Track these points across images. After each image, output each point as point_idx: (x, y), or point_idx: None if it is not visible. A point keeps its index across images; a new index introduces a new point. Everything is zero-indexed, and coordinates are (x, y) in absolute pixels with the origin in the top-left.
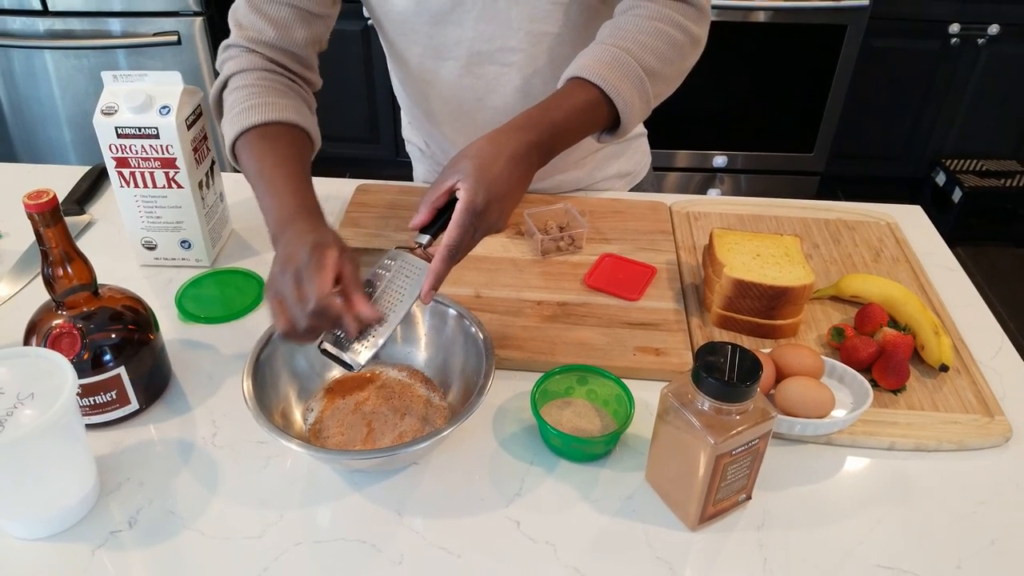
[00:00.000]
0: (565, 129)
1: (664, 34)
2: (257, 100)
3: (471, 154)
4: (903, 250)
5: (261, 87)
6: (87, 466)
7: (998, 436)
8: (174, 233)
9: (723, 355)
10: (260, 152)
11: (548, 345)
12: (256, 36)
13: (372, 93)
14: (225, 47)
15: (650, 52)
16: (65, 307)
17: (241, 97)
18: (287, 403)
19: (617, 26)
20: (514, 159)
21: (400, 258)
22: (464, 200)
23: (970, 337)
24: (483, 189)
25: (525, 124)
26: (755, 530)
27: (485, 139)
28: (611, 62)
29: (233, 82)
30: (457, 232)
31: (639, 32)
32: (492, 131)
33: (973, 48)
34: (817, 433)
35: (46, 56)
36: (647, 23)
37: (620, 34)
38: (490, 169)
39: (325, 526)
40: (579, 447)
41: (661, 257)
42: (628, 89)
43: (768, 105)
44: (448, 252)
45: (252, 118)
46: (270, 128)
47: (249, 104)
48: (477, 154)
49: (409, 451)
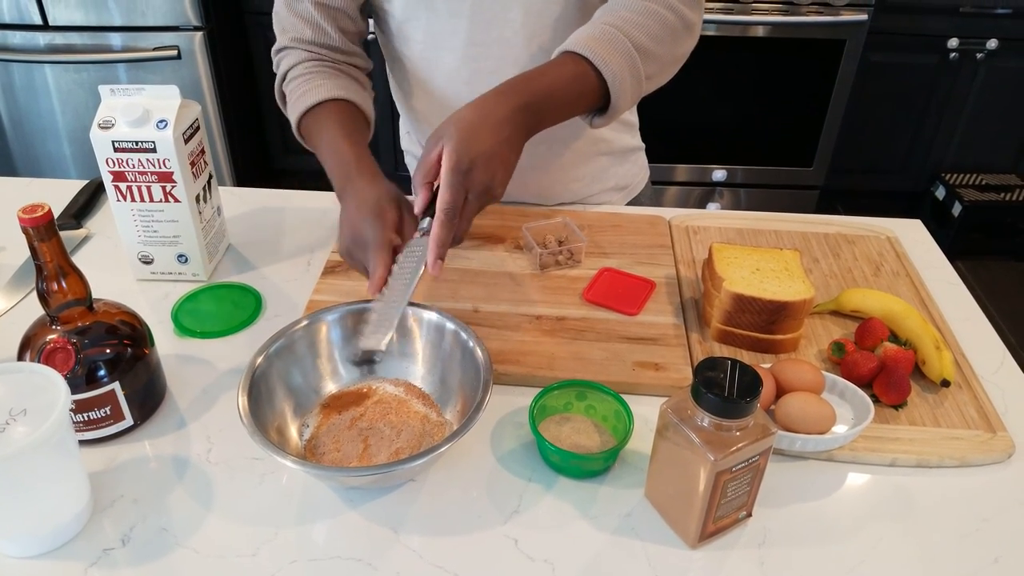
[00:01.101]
0: (551, 96)
1: (655, 14)
2: (308, 87)
3: (453, 120)
4: (903, 264)
5: (310, 74)
6: (80, 483)
7: (1000, 452)
8: (171, 247)
9: (723, 370)
10: (316, 129)
11: (546, 360)
12: (297, 36)
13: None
14: (276, 51)
15: (640, 29)
16: (59, 322)
17: (295, 87)
18: (283, 419)
19: (608, 8)
20: (498, 121)
21: (410, 244)
22: (448, 161)
23: (971, 352)
24: (466, 148)
25: (507, 89)
26: (756, 548)
27: (467, 106)
28: (599, 36)
29: (289, 76)
30: (448, 193)
31: (630, 11)
32: (475, 99)
33: (972, 63)
34: (818, 449)
35: (46, 70)
36: (638, 3)
37: (611, 13)
38: (473, 130)
39: (321, 544)
40: (578, 464)
41: (660, 271)
42: (618, 62)
43: (767, 119)
44: (444, 215)
45: (305, 102)
46: (322, 107)
47: (302, 91)
48: (459, 119)
49: (406, 468)
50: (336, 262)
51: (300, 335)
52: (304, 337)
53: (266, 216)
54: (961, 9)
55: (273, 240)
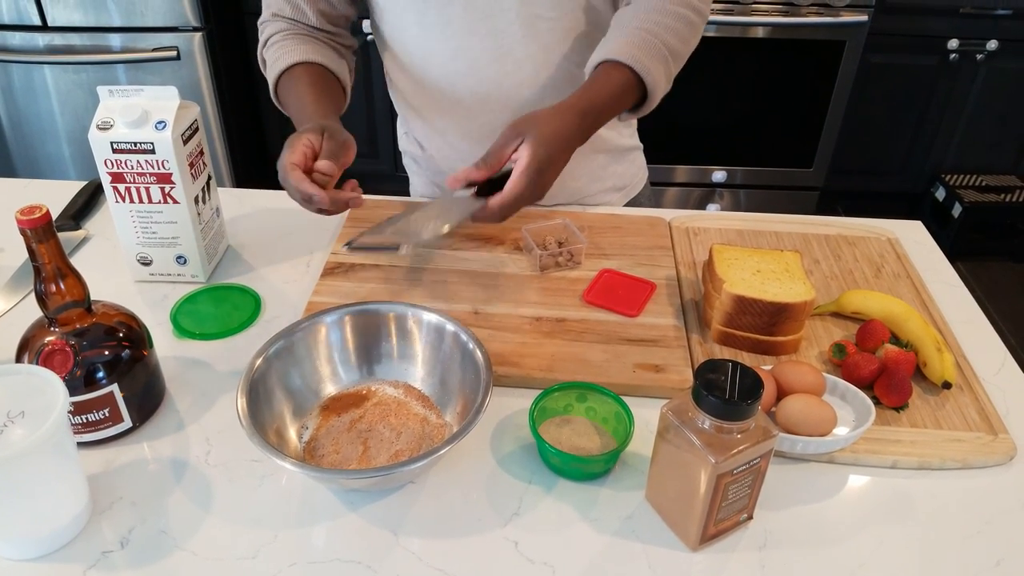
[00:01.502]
0: (606, 109)
1: (680, 15)
2: (282, 51)
3: (538, 122)
4: (904, 266)
5: (287, 40)
6: (79, 485)
7: (1002, 454)
8: (170, 249)
9: (724, 373)
10: (287, 90)
11: (546, 362)
12: (278, 12)
13: (371, 108)
14: (261, 22)
15: (672, 33)
16: (58, 324)
17: (272, 52)
18: (282, 421)
19: (638, 10)
20: (571, 136)
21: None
22: (530, 159)
23: (972, 354)
24: (546, 153)
25: (577, 105)
26: (757, 550)
27: (549, 114)
28: (641, 44)
29: (269, 42)
30: (520, 185)
31: (660, 14)
32: (546, 108)
33: (972, 64)
34: (819, 451)
35: (45, 71)
36: (667, 5)
37: (644, 17)
38: (555, 139)
39: (320, 547)
40: (578, 466)
41: (660, 273)
42: (657, 68)
43: (767, 120)
44: (509, 199)
45: (280, 66)
46: (295, 69)
47: (277, 55)
48: (543, 124)
49: (405, 470)
50: (336, 263)
51: (299, 337)
52: (303, 339)
53: (265, 217)
54: (961, 10)
55: (272, 241)
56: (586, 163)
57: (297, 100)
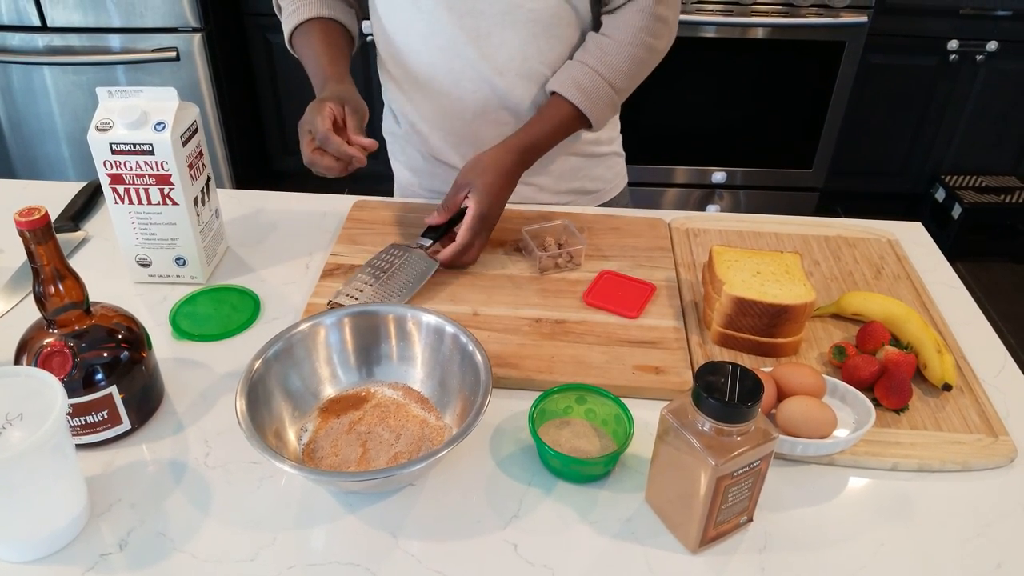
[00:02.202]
0: (546, 141)
1: (638, 59)
2: (296, 5)
3: (478, 171)
4: (904, 267)
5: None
6: (77, 487)
7: (1002, 456)
8: (169, 250)
9: (724, 375)
10: (303, 44)
11: (546, 363)
12: None
13: (372, 108)
14: None
15: (622, 76)
16: (56, 325)
17: (287, 4)
18: (281, 423)
19: (600, 48)
20: (511, 174)
21: (409, 253)
22: (475, 209)
23: (973, 355)
24: (488, 202)
25: (517, 146)
26: (757, 552)
27: (487, 158)
28: (589, 89)
29: None
30: (468, 234)
31: (618, 58)
32: (491, 150)
33: (971, 64)
34: (819, 453)
35: (45, 72)
36: (626, 49)
37: (602, 59)
38: (495, 187)
39: (319, 549)
40: (578, 468)
41: (660, 274)
42: (601, 109)
43: (767, 121)
44: (460, 248)
45: (295, 19)
46: (310, 24)
47: (293, 8)
48: (482, 172)
49: (404, 472)
50: (335, 264)
51: (298, 338)
52: (302, 340)
53: (264, 218)
54: (961, 11)
55: (272, 242)
56: (556, 164)
57: (313, 57)
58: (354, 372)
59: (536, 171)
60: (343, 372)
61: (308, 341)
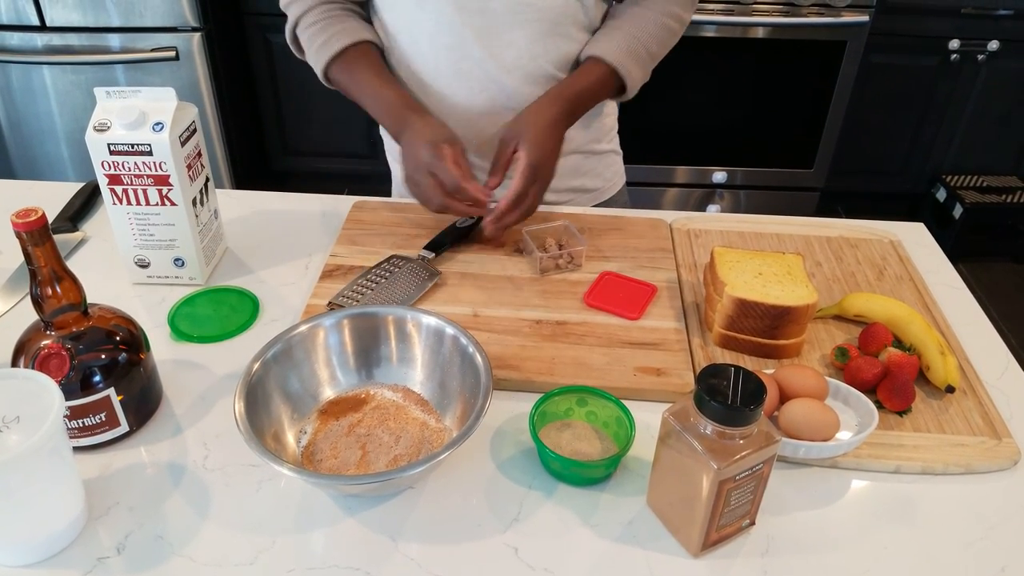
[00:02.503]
0: (585, 98)
1: (667, 27)
2: (333, 30)
3: (526, 122)
4: (907, 268)
5: (330, 18)
6: (75, 490)
7: (1006, 459)
8: (167, 251)
9: (726, 378)
10: (349, 74)
11: (547, 365)
12: None
13: None
14: (285, 3)
15: (657, 42)
16: (54, 327)
17: (317, 31)
18: (280, 425)
19: (632, 16)
20: (556, 123)
21: (408, 262)
22: (527, 158)
23: (976, 357)
24: (539, 149)
25: (559, 96)
26: (759, 556)
27: (530, 112)
28: (628, 51)
29: (304, 21)
30: (522, 182)
31: (652, 26)
32: (534, 104)
33: (973, 64)
34: (822, 456)
35: (44, 72)
36: (659, 18)
37: (635, 24)
38: (543, 133)
39: (318, 552)
40: (579, 471)
41: (661, 275)
42: (637, 71)
43: (768, 121)
44: (514, 197)
45: (335, 46)
46: (349, 52)
47: (324, 38)
48: (530, 123)
49: (404, 475)
50: (335, 265)
51: (297, 340)
52: (302, 342)
53: (264, 219)
54: (962, 10)
55: (271, 243)
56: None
57: (372, 88)
58: (353, 374)
59: None
60: (342, 374)
61: (307, 343)
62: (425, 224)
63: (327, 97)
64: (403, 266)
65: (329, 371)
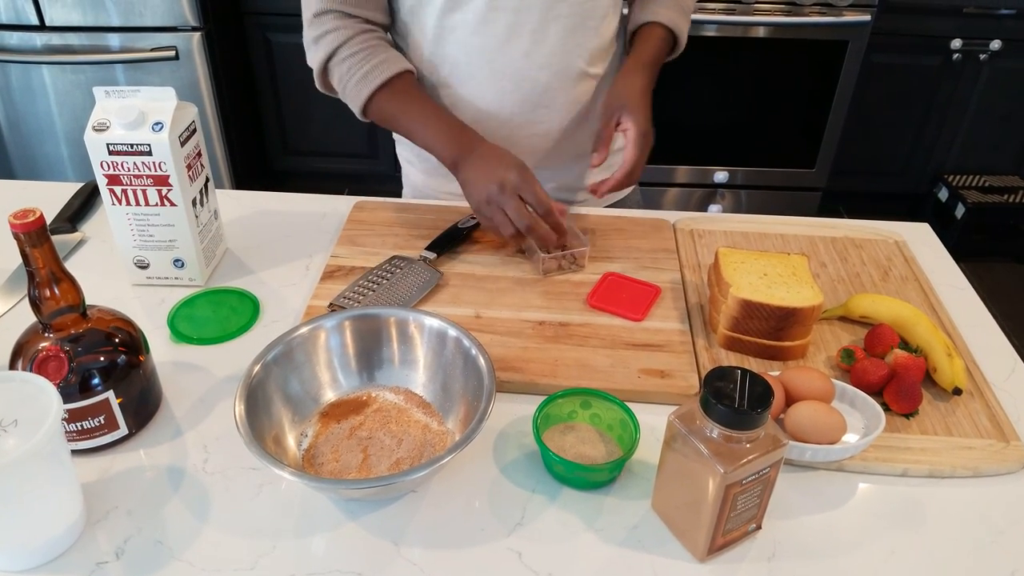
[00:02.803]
0: (658, 61)
1: None
2: (376, 60)
3: (624, 93)
4: (912, 269)
5: (370, 48)
6: (73, 494)
7: (1014, 462)
8: (167, 252)
9: (732, 380)
10: (400, 102)
11: (550, 367)
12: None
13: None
14: (319, 14)
15: None
16: (52, 329)
17: (357, 62)
18: (280, 428)
19: None
20: (646, 92)
21: (409, 263)
22: (636, 128)
23: (982, 358)
24: (644, 117)
25: (638, 64)
26: (766, 561)
27: (623, 83)
28: (675, 8)
29: (341, 53)
30: (635, 151)
31: None
32: (620, 76)
33: (975, 64)
34: (828, 459)
35: (43, 71)
36: None
37: None
38: (642, 102)
39: (320, 556)
40: (583, 475)
41: (665, 276)
42: (684, 26)
43: (769, 121)
44: (629, 167)
45: (381, 76)
46: (395, 80)
47: (371, 65)
48: (628, 92)
49: (406, 479)
50: (336, 266)
51: (298, 342)
52: (302, 344)
53: (264, 219)
54: (964, 10)
55: (271, 244)
56: (576, 164)
57: (420, 113)
58: (355, 376)
59: (553, 169)
60: (344, 376)
61: (308, 345)
62: (426, 225)
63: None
64: (405, 267)
65: (330, 373)
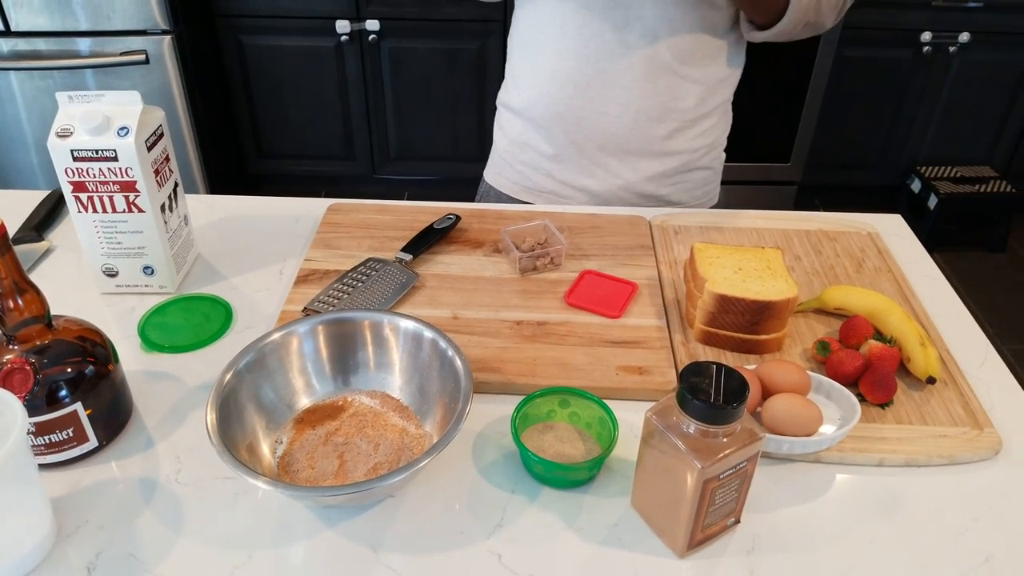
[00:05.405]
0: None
1: None
2: None
3: None
4: (885, 260)
5: None
6: (41, 510)
7: (988, 449)
8: (136, 259)
9: (708, 376)
10: None
11: (528, 367)
12: None
13: (347, 109)
14: None
15: None
16: (16, 341)
17: None
18: (254, 436)
19: None
20: None
21: (385, 265)
22: None
23: (955, 347)
24: None
25: None
26: (745, 555)
27: None
28: None
29: None
30: None
31: None
32: None
33: (945, 56)
34: (805, 451)
35: (11, 77)
36: None
37: None
38: None
39: (298, 565)
40: (562, 474)
41: (642, 272)
42: None
43: (744, 116)
44: None
45: None
46: None
47: None
48: None
49: (384, 484)
50: (309, 270)
51: (271, 348)
52: (275, 350)
53: (236, 224)
54: (934, 3)
55: (244, 249)
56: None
57: None
58: (330, 381)
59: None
60: (318, 381)
61: (281, 351)
62: (402, 226)
63: (301, 99)
64: (380, 269)
65: (304, 379)
